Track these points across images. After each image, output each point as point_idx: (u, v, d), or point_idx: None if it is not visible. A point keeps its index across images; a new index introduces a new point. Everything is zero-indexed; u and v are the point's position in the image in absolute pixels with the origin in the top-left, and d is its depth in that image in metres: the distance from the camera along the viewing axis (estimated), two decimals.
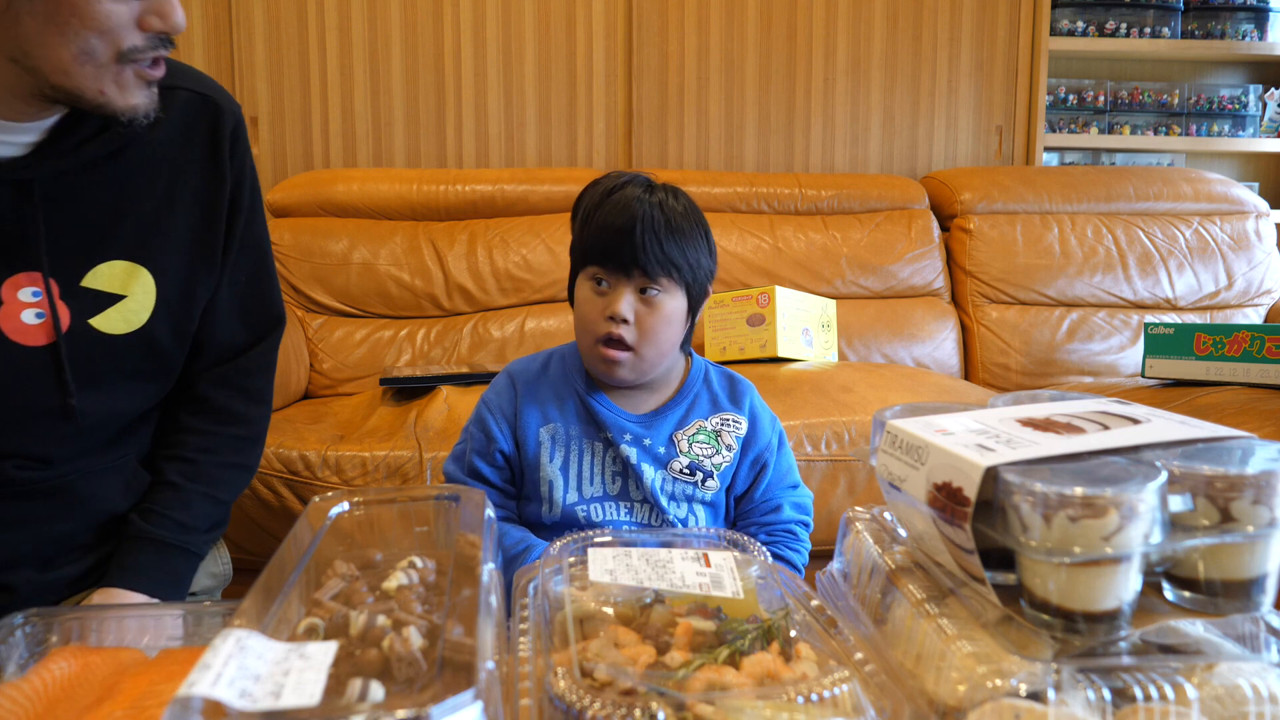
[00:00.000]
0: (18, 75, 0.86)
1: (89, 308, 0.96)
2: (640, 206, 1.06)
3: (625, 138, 2.83)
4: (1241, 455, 0.59)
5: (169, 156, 1.00)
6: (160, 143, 0.99)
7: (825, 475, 1.68)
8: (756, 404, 1.19)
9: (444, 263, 2.41)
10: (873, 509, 0.81)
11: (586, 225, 1.10)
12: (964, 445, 0.60)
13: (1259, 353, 1.77)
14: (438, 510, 0.75)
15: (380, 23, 2.70)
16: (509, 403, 1.15)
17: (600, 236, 1.07)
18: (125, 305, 0.98)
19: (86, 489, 1.02)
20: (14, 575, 0.99)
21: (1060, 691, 0.54)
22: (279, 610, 0.55)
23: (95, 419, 0.99)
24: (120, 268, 0.98)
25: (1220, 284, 2.67)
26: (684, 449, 1.13)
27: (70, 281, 0.95)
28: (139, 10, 0.86)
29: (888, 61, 2.88)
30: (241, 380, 1.12)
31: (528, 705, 0.54)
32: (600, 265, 1.07)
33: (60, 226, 0.94)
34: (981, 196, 2.67)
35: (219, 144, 1.04)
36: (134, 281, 0.98)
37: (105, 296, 0.97)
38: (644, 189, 1.10)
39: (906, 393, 1.85)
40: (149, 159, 0.99)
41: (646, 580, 0.66)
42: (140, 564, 1.01)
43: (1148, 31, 2.95)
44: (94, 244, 0.96)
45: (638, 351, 1.08)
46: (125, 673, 0.67)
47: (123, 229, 0.98)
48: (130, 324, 0.99)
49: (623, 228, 1.05)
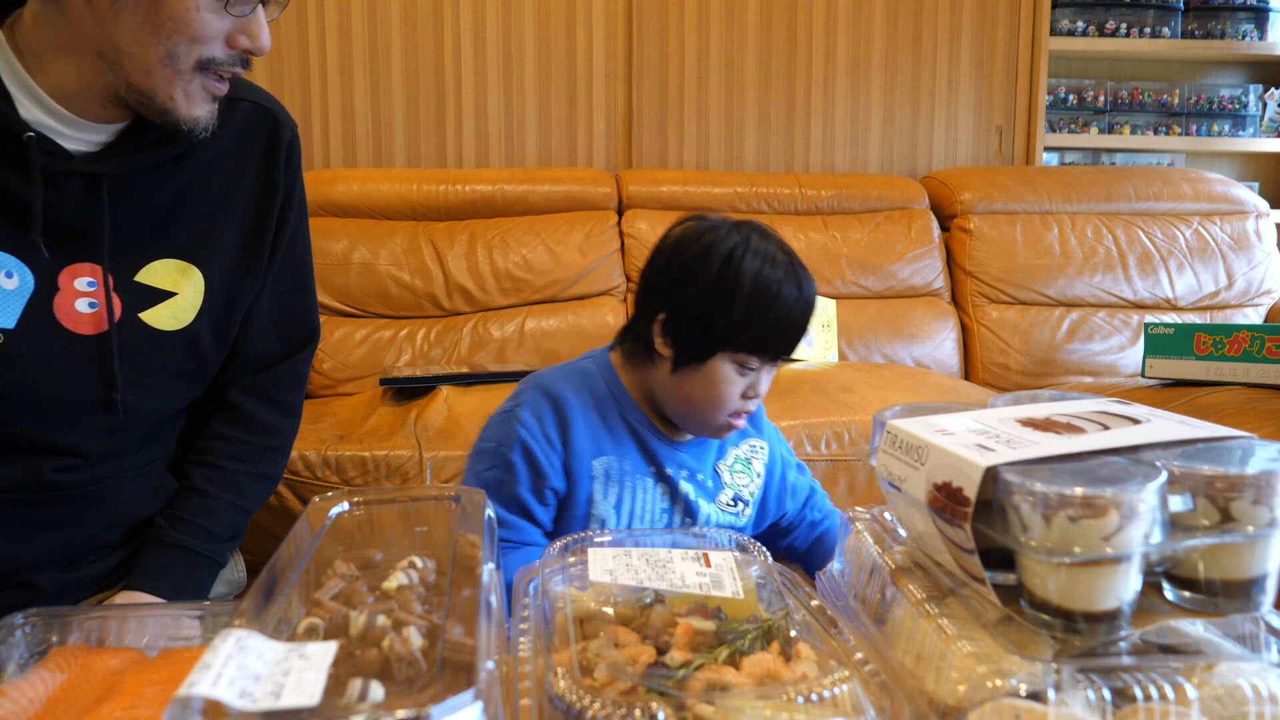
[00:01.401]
0: (101, 72, 0.89)
1: (141, 302, 0.99)
2: (805, 305, 1.01)
3: (625, 138, 2.83)
4: (1241, 455, 0.59)
5: (227, 164, 1.04)
6: (220, 150, 1.03)
7: (825, 475, 1.68)
8: (765, 422, 1.18)
9: (444, 263, 2.41)
10: (873, 509, 0.81)
11: (757, 320, 0.99)
12: (964, 445, 0.60)
13: (1259, 353, 1.77)
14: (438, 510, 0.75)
15: (380, 23, 2.70)
16: (555, 431, 1.03)
17: (774, 333, 1.00)
18: (175, 302, 1.00)
19: (116, 493, 1.03)
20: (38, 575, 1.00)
21: (1060, 691, 0.54)
22: (279, 610, 0.55)
23: (135, 415, 1.00)
24: (174, 266, 1.00)
25: (1220, 284, 2.67)
26: (727, 480, 1.10)
27: (125, 275, 0.98)
28: (231, 27, 0.90)
29: (888, 61, 2.88)
30: (273, 391, 1.13)
31: (528, 705, 0.54)
32: (758, 352, 1.01)
33: (122, 222, 0.97)
34: (981, 196, 2.67)
35: (275, 156, 1.07)
36: (185, 280, 1.01)
37: (157, 293, 0.99)
38: (801, 289, 1.01)
39: (906, 393, 1.85)
40: (209, 165, 1.02)
41: (646, 580, 0.66)
42: (164, 569, 1.02)
43: (1148, 31, 2.95)
44: (151, 241, 0.99)
45: None
46: (125, 673, 0.67)
47: (179, 229, 1.01)
48: (179, 321, 1.01)
49: (797, 325, 1.01)
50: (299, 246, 1.12)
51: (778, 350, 1.02)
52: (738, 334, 0.99)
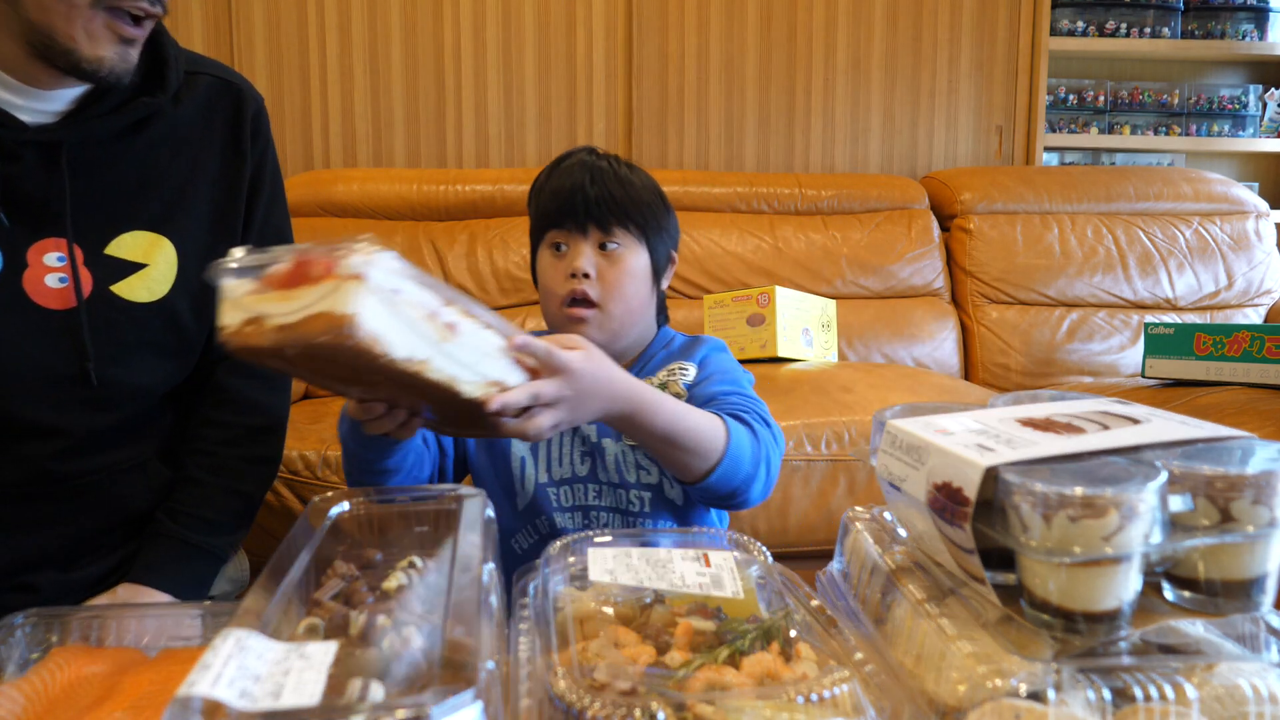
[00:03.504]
0: (7, 18, 0.88)
1: (111, 275, 0.98)
2: (589, 164, 1.09)
3: (625, 137, 2.83)
4: (1241, 455, 0.59)
5: (191, 135, 1.04)
6: (184, 121, 1.03)
7: (825, 475, 1.68)
8: (713, 356, 1.13)
9: (444, 263, 2.41)
10: (873, 509, 0.81)
11: (539, 197, 1.11)
12: (964, 445, 0.60)
13: (1259, 353, 1.77)
14: (438, 510, 0.75)
15: (380, 23, 2.70)
16: None
17: (553, 199, 1.08)
18: (148, 274, 1.00)
19: (111, 487, 1.03)
20: (38, 576, 1.01)
21: (1060, 691, 0.54)
22: (279, 610, 0.55)
23: (115, 390, 1.00)
24: (144, 238, 1.00)
25: (1220, 284, 2.67)
26: None
27: (94, 249, 0.97)
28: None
29: (888, 61, 2.88)
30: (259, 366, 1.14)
31: (528, 705, 0.54)
32: (557, 227, 1.08)
33: (86, 195, 0.97)
34: (981, 196, 2.67)
35: (240, 127, 1.07)
36: (156, 252, 1.01)
37: (128, 265, 0.99)
38: (589, 153, 1.12)
39: (906, 393, 1.85)
40: (172, 136, 1.02)
41: (646, 580, 0.66)
42: (164, 563, 1.02)
43: (1148, 31, 2.95)
44: (118, 214, 0.99)
45: (603, 308, 1.07)
46: (125, 673, 0.67)
47: (146, 200, 1.00)
48: (153, 293, 1.01)
49: (574, 184, 1.07)
50: (275, 221, 1.12)
51: (569, 216, 1.07)
52: (539, 214, 1.10)
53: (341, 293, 0.64)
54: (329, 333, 0.64)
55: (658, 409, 0.90)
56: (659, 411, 0.90)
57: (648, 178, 1.13)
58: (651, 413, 0.89)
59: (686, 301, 2.46)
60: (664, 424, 0.90)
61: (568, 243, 1.08)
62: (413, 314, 0.70)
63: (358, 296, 0.64)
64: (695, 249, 2.49)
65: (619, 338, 1.10)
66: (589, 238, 1.07)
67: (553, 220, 1.09)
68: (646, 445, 0.97)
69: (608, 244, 1.08)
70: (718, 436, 0.94)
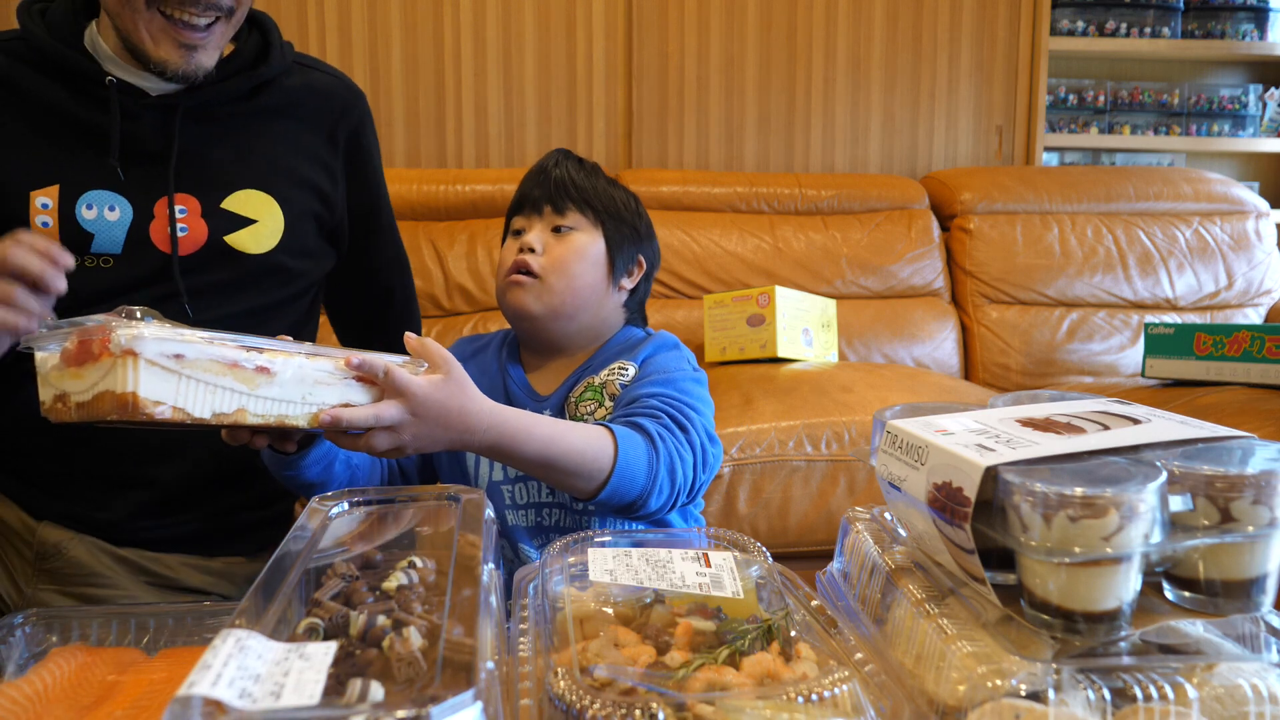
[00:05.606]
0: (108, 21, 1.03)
1: (226, 225, 1.10)
2: (562, 151, 1.16)
3: (625, 137, 2.83)
4: (1241, 455, 0.59)
5: (296, 113, 1.17)
6: (290, 99, 1.17)
7: (825, 475, 1.68)
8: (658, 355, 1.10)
9: (444, 263, 2.41)
10: (873, 509, 0.81)
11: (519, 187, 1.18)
12: (964, 445, 0.60)
13: (1259, 353, 1.77)
14: (438, 510, 0.75)
15: (380, 23, 2.70)
16: None
17: (520, 186, 1.15)
18: (256, 229, 1.12)
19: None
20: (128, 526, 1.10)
21: (1060, 691, 0.54)
22: (279, 610, 0.55)
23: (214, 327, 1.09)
24: (256, 196, 1.12)
25: (1220, 284, 2.67)
26: (572, 412, 1.07)
27: (213, 202, 1.10)
28: None
29: (888, 61, 2.88)
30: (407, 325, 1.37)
31: (528, 705, 0.54)
32: (518, 214, 1.14)
33: (206, 155, 1.10)
34: (981, 196, 2.67)
35: (342, 115, 1.21)
36: (266, 210, 1.13)
37: (241, 219, 1.11)
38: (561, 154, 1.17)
39: (906, 393, 1.85)
40: (279, 110, 1.16)
41: (646, 580, 0.66)
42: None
43: (1148, 31, 2.95)
44: (234, 173, 1.12)
45: (544, 279, 1.07)
46: (125, 673, 0.67)
47: (256, 163, 1.13)
48: (261, 246, 1.12)
49: (540, 166, 1.14)
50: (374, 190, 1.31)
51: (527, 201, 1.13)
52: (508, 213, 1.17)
53: (117, 371, 0.65)
54: (118, 411, 0.66)
55: (528, 437, 0.88)
56: (530, 439, 0.88)
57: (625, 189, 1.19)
58: (521, 442, 0.88)
59: (686, 301, 2.46)
60: (536, 451, 0.89)
61: (526, 226, 1.13)
62: (206, 373, 0.70)
63: (134, 373, 0.65)
64: (695, 249, 2.49)
65: (561, 315, 1.09)
66: (544, 218, 1.12)
67: (515, 208, 1.15)
68: (525, 471, 0.97)
69: (561, 227, 1.11)
70: (603, 454, 0.91)
